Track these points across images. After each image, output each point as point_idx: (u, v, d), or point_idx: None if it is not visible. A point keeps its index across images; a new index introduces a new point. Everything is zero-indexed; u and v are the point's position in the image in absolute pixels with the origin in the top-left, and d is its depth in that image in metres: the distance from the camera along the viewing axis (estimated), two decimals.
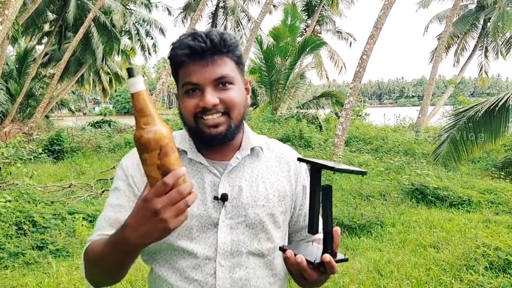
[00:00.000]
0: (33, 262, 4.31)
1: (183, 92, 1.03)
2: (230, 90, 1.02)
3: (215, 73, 1.00)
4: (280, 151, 1.19)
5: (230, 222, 1.06)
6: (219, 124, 1.01)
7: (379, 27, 9.23)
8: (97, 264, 0.99)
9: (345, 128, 8.95)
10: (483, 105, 7.20)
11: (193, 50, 0.99)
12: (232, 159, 1.09)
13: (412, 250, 4.45)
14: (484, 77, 23.98)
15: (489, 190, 6.75)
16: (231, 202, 1.06)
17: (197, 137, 1.06)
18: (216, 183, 1.07)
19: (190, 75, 1.00)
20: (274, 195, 1.11)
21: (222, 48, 1.01)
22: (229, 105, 1.01)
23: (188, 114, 1.02)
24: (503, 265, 3.74)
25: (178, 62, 1.02)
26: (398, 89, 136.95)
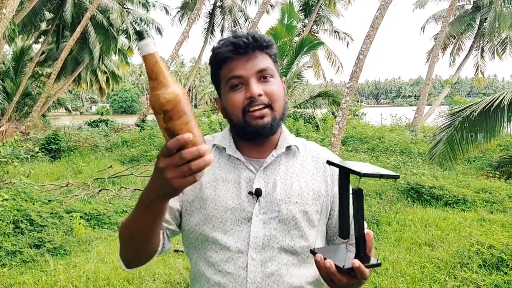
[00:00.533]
0: (31, 260, 4.33)
1: (228, 88, 1.09)
2: (271, 83, 1.08)
3: (257, 65, 1.07)
4: (317, 151, 1.22)
5: (263, 217, 1.09)
6: (264, 115, 1.06)
7: (375, 27, 9.28)
8: (125, 230, 1.03)
9: (341, 127, 8.99)
10: (478, 105, 7.25)
11: (237, 46, 1.06)
12: (269, 156, 1.13)
13: (407, 248, 4.49)
14: (480, 77, 24.10)
15: (484, 189, 6.80)
16: (265, 198, 1.09)
17: (244, 132, 1.10)
18: (252, 179, 1.11)
19: (234, 69, 1.07)
20: (308, 193, 1.13)
21: (262, 43, 1.08)
22: (272, 97, 1.07)
23: (236, 109, 1.07)
24: (496, 262, 3.78)
25: (221, 60, 1.08)
26: (395, 89, 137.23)
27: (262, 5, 15.30)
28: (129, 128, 17.78)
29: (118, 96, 69.10)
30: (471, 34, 22.96)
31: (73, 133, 14.97)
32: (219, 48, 1.08)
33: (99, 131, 16.62)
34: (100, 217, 5.63)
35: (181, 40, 17.32)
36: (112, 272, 3.95)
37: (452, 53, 23.73)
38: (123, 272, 3.96)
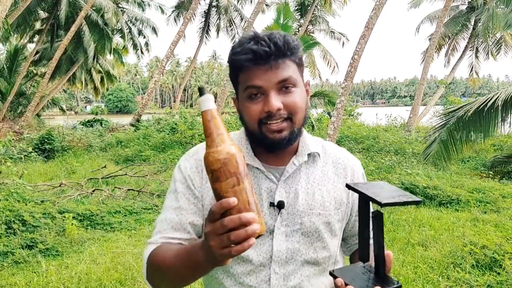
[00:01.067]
0: (23, 261, 4.30)
1: (246, 96, 1.02)
2: (293, 94, 1.01)
3: (278, 76, 0.98)
4: (336, 155, 1.17)
5: (285, 230, 1.05)
6: (282, 129, 1.00)
7: (370, 27, 9.29)
8: (166, 268, 0.98)
9: (336, 127, 9.00)
10: (472, 105, 7.27)
11: (257, 55, 0.97)
12: (289, 165, 1.08)
13: (400, 248, 4.50)
14: (474, 78, 24.20)
15: (477, 189, 6.83)
16: (287, 209, 1.05)
17: (260, 142, 1.05)
18: (273, 190, 1.06)
19: (253, 78, 0.99)
20: (330, 203, 1.10)
21: (285, 51, 0.99)
22: (292, 110, 1.00)
23: (252, 120, 1.01)
24: (489, 263, 3.79)
25: (239, 66, 1.01)
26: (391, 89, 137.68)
27: (258, 5, 15.28)
28: (123, 128, 17.71)
29: (113, 96, 68.92)
30: (465, 35, 23.05)
31: (67, 132, 14.88)
32: (238, 53, 0.99)
33: (93, 131, 16.53)
34: (93, 218, 5.59)
35: (176, 40, 17.27)
36: (105, 273, 3.92)
37: (447, 53, 23.81)
38: (115, 273, 3.93)
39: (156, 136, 12.70)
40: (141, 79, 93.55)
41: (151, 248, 1.05)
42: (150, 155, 11.00)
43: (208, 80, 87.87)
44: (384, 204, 0.80)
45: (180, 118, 14.60)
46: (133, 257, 4.33)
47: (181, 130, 12.62)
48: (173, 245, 1.03)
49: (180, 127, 12.87)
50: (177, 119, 14.77)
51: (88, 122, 20.94)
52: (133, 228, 5.53)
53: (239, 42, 1.03)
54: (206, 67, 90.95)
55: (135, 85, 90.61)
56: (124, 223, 5.65)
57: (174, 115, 16.73)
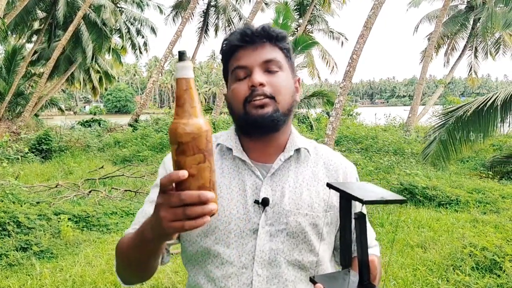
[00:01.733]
0: (17, 263, 4.24)
1: (233, 79, 1.03)
2: (277, 75, 1.02)
3: (264, 55, 1.01)
4: (328, 157, 1.13)
5: (270, 229, 1.01)
6: (265, 104, 0.98)
7: (369, 26, 9.24)
8: (123, 255, 0.98)
9: (335, 127, 8.94)
10: (471, 105, 7.24)
11: (244, 34, 1.01)
12: (275, 161, 1.05)
13: (399, 250, 4.45)
14: (473, 77, 24.18)
15: (477, 190, 6.79)
16: (272, 208, 1.01)
17: (245, 123, 1.02)
18: (258, 186, 1.03)
19: (240, 59, 1.02)
20: (319, 204, 1.05)
21: (272, 34, 1.02)
22: (276, 89, 1.00)
23: (238, 100, 1.01)
24: (489, 265, 3.74)
25: (229, 49, 1.04)
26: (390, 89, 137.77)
27: (256, 4, 15.22)
28: (121, 128, 17.65)
29: (112, 96, 68.83)
30: (464, 34, 23.02)
31: (65, 133, 14.81)
32: (229, 38, 1.05)
33: (91, 131, 16.48)
34: (89, 219, 5.53)
35: (175, 40, 17.21)
36: (99, 276, 3.87)
37: (446, 53, 23.78)
38: (110, 276, 3.88)
39: (154, 136, 12.64)
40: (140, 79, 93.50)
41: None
42: (148, 155, 10.95)
43: (207, 80, 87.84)
44: (366, 202, 0.76)
45: None
46: None
47: None
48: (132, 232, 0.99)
49: None
50: None
51: (86, 122, 20.89)
52: None
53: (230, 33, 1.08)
54: (205, 67, 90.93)
55: (134, 85, 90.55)
56: (120, 225, 5.59)
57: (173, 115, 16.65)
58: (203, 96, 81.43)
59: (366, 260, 0.82)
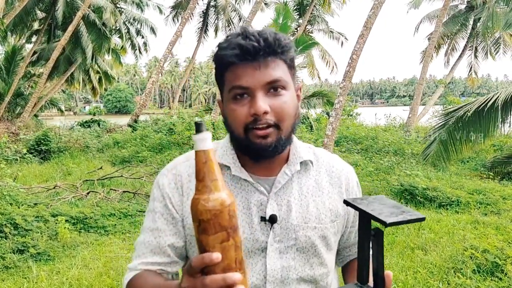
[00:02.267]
0: (13, 266, 4.20)
1: (230, 97, 0.92)
2: (282, 97, 0.91)
3: (267, 76, 0.89)
4: (330, 163, 1.08)
5: (279, 246, 0.97)
6: (268, 135, 0.90)
7: (369, 26, 9.19)
8: None
9: (335, 128, 8.90)
10: (472, 105, 7.20)
11: (244, 50, 0.88)
12: (280, 174, 0.99)
13: (399, 252, 4.40)
14: (473, 77, 24.13)
15: (477, 191, 6.74)
16: (280, 224, 0.97)
17: (244, 149, 0.95)
18: (264, 203, 0.97)
19: (240, 78, 0.89)
20: (326, 215, 1.01)
21: (276, 48, 0.90)
22: (280, 116, 0.91)
23: (237, 123, 0.92)
24: (491, 268, 3.69)
25: (226, 63, 0.91)
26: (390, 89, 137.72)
27: (256, 4, 15.19)
28: (121, 128, 17.61)
29: (112, 96, 68.83)
30: (464, 34, 22.98)
31: (64, 133, 14.77)
32: (224, 49, 0.90)
33: (90, 132, 16.43)
34: (87, 221, 5.49)
35: (174, 40, 17.17)
36: (96, 279, 3.83)
37: (446, 53, 23.74)
38: (107, 278, 3.84)
39: (154, 137, 12.59)
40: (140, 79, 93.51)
41: (131, 275, 0.98)
42: (147, 156, 10.90)
43: (207, 80, 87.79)
44: (389, 224, 0.73)
45: (178, 119, 14.50)
46: (126, 262, 4.23)
47: (178, 131, 12.52)
48: (151, 277, 0.95)
49: (177, 128, 12.77)
50: (175, 119, 14.66)
51: (86, 123, 20.83)
52: (128, 231, 5.43)
53: (226, 38, 0.93)
54: (205, 67, 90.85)
55: (134, 85, 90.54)
56: (118, 226, 5.55)
57: (172, 116, 16.63)
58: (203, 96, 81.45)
59: (382, 274, 0.81)
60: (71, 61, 21.34)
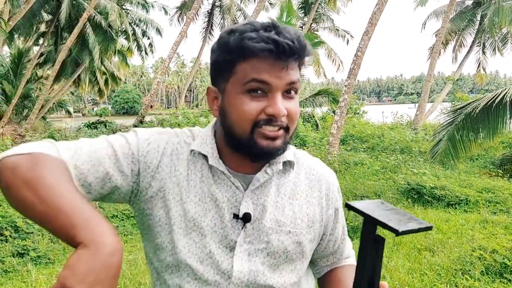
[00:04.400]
0: (12, 270, 4.16)
1: (245, 89, 0.83)
2: (294, 101, 0.88)
3: (289, 77, 0.84)
4: (310, 166, 1.01)
5: (248, 247, 0.90)
6: (277, 137, 0.85)
7: (374, 23, 9.07)
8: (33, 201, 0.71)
9: (340, 126, 8.79)
10: (480, 102, 7.07)
11: (280, 48, 0.80)
12: (260, 173, 0.92)
13: (406, 253, 4.29)
14: (482, 74, 23.83)
15: (486, 189, 6.60)
16: (252, 224, 0.90)
17: (246, 149, 0.87)
18: (238, 199, 0.90)
19: (264, 72, 0.82)
20: (302, 220, 0.94)
21: (306, 53, 0.86)
22: (292, 119, 0.87)
23: (247, 119, 0.84)
24: (499, 269, 3.58)
25: (248, 53, 0.82)
26: (397, 87, 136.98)
27: (259, 3, 15.09)
28: (126, 129, 17.63)
29: (120, 97, 69.21)
30: (472, 30, 22.72)
31: (71, 135, 14.82)
32: (254, 39, 0.80)
33: (97, 133, 16.47)
34: None
35: (179, 40, 17.14)
36: None
37: (454, 49, 23.48)
38: None
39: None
40: (147, 80, 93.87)
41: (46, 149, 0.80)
42: None
43: None
44: (401, 233, 0.70)
45: (183, 119, 14.47)
46: (127, 265, 4.17)
47: None
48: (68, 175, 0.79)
49: (182, 128, 12.74)
50: (181, 120, 14.64)
51: (93, 124, 20.91)
52: (130, 232, 5.39)
53: (250, 25, 0.84)
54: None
55: (141, 86, 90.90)
56: (120, 228, 5.51)
57: (178, 116, 16.61)
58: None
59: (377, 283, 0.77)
60: (78, 63, 21.43)
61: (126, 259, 4.37)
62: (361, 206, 0.78)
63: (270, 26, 0.83)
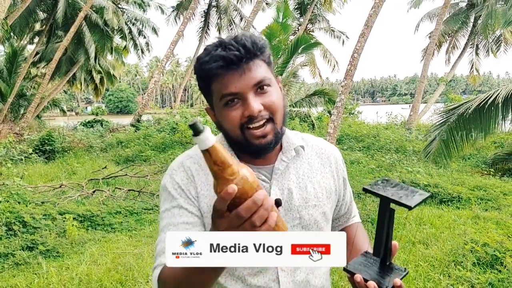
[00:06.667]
0: (23, 262, 4.30)
1: (222, 104, 0.99)
2: (269, 93, 0.99)
3: (253, 78, 0.97)
4: (318, 146, 1.19)
5: None
6: (266, 133, 0.99)
7: (370, 25, 9.26)
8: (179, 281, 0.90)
9: (336, 126, 8.97)
10: (472, 103, 7.25)
11: (228, 61, 0.95)
12: (278, 162, 1.08)
13: (401, 247, 4.48)
14: (475, 75, 24.14)
15: (478, 187, 6.81)
16: (284, 207, 1.06)
17: (244, 149, 1.04)
18: (267, 190, 1.06)
19: (228, 86, 0.96)
20: (322, 193, 1.12)
21: (255, 51, 0.98)
22: (272, 110, 0.99)
23: (233, 126, 0.99)
24: (490, 260, 3.78)
25: (211, 75, 0.97)
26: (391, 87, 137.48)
27: (257, 4, 15.25)
28: (124, 128, 17.71)
29: (114, 96, 68.91)
30: (465, 32, 23.00)
31: (68, 134, 14.89)
32: (208, 63, 0.96)
33: (93, 132, 16.54)
34: (94, 219, 5.59)
35: (176, 40, 17.25)
36: (105, 274, 3.92)
37: (447, 51, 23.76)
38: (116, 274, 3.93)
39: (157, 136, 12.69)
40: (142, 79, 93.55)
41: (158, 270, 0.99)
42: (151, 155, 11.00)
43: None
44: (413, 207, 0.89)
45: (181, 118, 14.59)
46: (134, 258, 4.33)
47: (181, 130, 12.61)
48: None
49: (180, 127, 12.86)
50: (178, 119, 14.76)
51: (89, 123, 20.95)
52: (134, 228, 5.53)
53: (205, 51, 0.99)
54: None
55: (135, 85, 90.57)
56: (124, 224, 5.65)
57: (175, 115, 16.72)
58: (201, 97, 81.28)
59: (390, 245, 0.96)
60: (73, 62, 21.43)
61: (133, 253, 4.52)
62: (375, 188, 0.96)
63: (217, 45, 0.97)
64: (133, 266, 4.09)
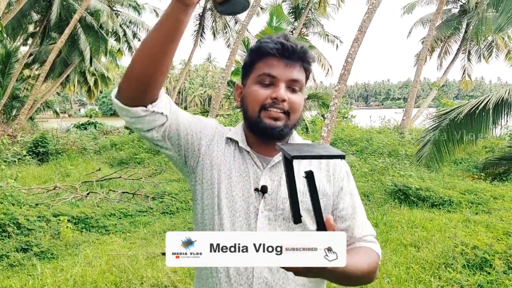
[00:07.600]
0: (18, 264, 4.30)
1: (257, 81, 1.13)
2: (297, 95, 1.14)
3: (293, 74, 1.12)
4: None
5: (268, 214, 1.12)
6: (279, 118, 1.11)
7: (363, 30, 9.36)
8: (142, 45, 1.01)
9: (330, 130, 9.05)
10: (464, 108, 7.35)
11: (285, 48, 1.11)
12: (276, 155, 1.17)
13: (393, 249, 4.55)
14: (467, 80, 24.37)
15: (469, 191, 6.91)
16: (271, 195, 1.14)
17: (255, 126, 1.14)
18: (258, 176, 1.16)
19: (272, 67, 1.11)
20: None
21: (306, 58, 1.15)
22: (293, 107, 1.13)
23: (255, 102, 1.13)
24: (480, 263, 3.85)
25: (264, 53, 1.12)
26: (384, 91, 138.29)
27: (251, 8, 15.33)
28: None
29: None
30: (458, 38, 23.22)
31: (61, 136, 14.84)
32: (267, 42, 1.12)
33: (87, 134, 16.51)
34: (88, 221, 5.60)
35: None
36: (100, 276, 3.94)
37: (439, 56, 23.97)
38: (110, 275, 3.95)
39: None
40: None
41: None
42: (145, 157, 11.01)
43: (202, 82, 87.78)
44: (293, 157, 0.79)
45: None
46: (128, 260, 4.35)
47: None
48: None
49: None
50: None
51: (82, 125, 20.90)
52: (128, 230, 5.55)
53: (267, 36, 1.16)
54: (200, 69, 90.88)
55: None
56: (119, 226, 5.67)
57: None
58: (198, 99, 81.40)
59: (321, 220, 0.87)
60: (67, 64, 21.37)
61: (127, 255, 4.54)
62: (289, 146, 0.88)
63: (281, 35, 1.14)
64: (127, 268, 4.12)
